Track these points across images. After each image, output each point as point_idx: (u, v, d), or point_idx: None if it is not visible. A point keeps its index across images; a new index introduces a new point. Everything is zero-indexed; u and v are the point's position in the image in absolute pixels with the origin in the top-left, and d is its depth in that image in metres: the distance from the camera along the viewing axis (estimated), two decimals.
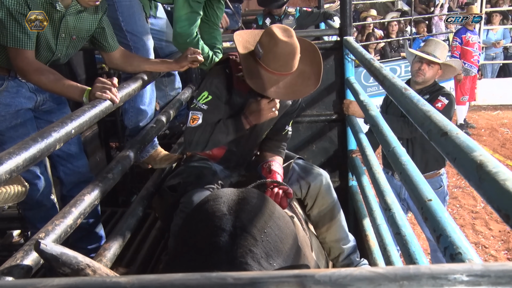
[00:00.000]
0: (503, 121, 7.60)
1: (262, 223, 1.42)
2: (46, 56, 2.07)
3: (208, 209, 1.50)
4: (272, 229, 1.43)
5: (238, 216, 1.41)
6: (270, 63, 1.89)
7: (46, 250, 0.75)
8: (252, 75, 1.92)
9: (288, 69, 1.92)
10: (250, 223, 1.40)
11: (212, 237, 1.34)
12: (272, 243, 1.38)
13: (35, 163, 1.25)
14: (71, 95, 1.90)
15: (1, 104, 2.05)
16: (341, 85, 3.15)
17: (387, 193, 1.85)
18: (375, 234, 2.11)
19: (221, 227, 1.37)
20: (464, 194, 5.22)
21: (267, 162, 2.16)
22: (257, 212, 1.46)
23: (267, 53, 1.89)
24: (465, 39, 7.12)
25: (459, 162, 0.95)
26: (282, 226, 1.48)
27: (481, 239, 4.43)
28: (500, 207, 0.77)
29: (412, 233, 1.53)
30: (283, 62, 1.89)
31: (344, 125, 3.19)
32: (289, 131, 2.30)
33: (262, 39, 1.92)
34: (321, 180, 2.18)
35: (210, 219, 1.43)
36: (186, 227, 1.59)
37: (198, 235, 1.42)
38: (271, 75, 1.91)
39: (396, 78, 1.76)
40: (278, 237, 1.42)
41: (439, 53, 3.06)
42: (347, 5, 3.01)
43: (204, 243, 1.35)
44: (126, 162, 1.93)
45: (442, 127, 1.11)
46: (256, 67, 1.93)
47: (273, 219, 1.48)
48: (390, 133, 1.86)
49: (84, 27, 2.12)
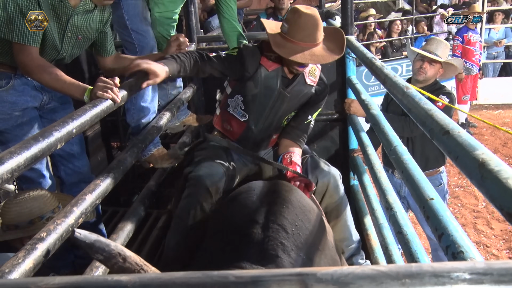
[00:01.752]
0: (505, 120, 7.58)
1: (293, 216, 1.44)
2: (51, 54, 2.07)
3: (241, 201, 1.52)
4: (303, 222, 1.44)
5: (270, 209, 1.43)
6: (296, 34, 2.00)
7: (80, 238, 0.77)
8: (279, 46, 2.04)
9: (312, 40, 2.02)
10: (282, 216, 1.41)
11: (244, 229, 1.36)
12: (303, 236, 1.39)
13: (37, 162, 1.25)
14: (73, 93, 1.89)
15: (7, 102, 2.06)
16: (342, 84, 3.14)
17: (389, 192, 1.85)
18: (376, 233, 2.11)
19: (253, 219, 1.39)
20: (465, 193, 5.22)
21: (288, 153, 2.21)
22: (288, 205, 1.47)
23: (292, 25, 2.01)
24: (467, 38, 7.11)
25: (461, 161, 0.95)
26: (312, 220, 1.51)
27: (483, 238, 4.42)
28: (502, 205, 0.77)
29: (413, 232, 1.53)
30: (307, 33, 2.00)
31: (346, 124, 3.19)
32: (312, 122, 2.34)
33: (288, 16, 2.05)
34: (329, 178, 2.18)
35: (243, 211, 1.45)
36: (218, 218, 1.61)
37: (230, 226, 1.44)
38: (297, 46, 2.01)
39: (398, 77, 1.76)
40: (308, 230, 1.44)
41: (441, 52, 3.06)
42: (348, 4, 3.00)
43: (236, 235, 1.37)
44: (127, 162, 1.93)
45: (444, 125, 1.11)
46: (283, 41, 2.04)
47: (304, 212, 1.50)
48: (391, 132, 1.86)
49: (90, 27, 2.13)
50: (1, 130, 2.09)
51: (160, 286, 0.57)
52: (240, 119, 2.23)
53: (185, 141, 2.92)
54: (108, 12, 2.21)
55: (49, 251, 1.28)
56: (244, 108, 2.21)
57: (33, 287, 0.57)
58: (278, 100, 2.18)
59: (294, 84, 2.18)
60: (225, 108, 2.27)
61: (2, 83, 2.05)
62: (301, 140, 2.30)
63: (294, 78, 2.19)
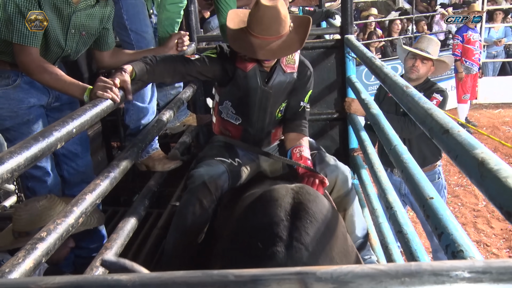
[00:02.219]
0: (505, 119, 7.58)
1: (317, 232, 1.37)
2: (56, 52, 2.08)
3: (261, 209, 1.46)
4: (327, 238, 1.39)
5: (294, 224, 1.37)
6: (254, 28, 1.96)
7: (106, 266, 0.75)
8: (236, 40, 2.00)
9: (272, 33, 1.97)
10: (305, 232, 1.35)
11: (267, 246, 1.31)
12: (328, 255, 1.34)
13: (36, 162, 1.25)
14: (73, 93, 1.90)
15: (14, 99, 2.07)
16: (342, 84, 3.14)
17: (389, 191, 1.85)
18: (376, 232, 2.11)
19: (276, 234, 1.33)
20: (465, 192, 5.22)
21: (297, 147, 2.19)
22: (312, 220, 1.41)
23: (251, 17, 1.97)
24: (466, 37, 7.11)
25: (461, 160, 0.95)
26: (338, 236, 1.45)
27: (483, 237, 4.43)
28: (501, 204, 0.77)
29: (413, 231, 1.53)
30: (265, 26, 1.95)
31: (346, 124, 3.19)
32: (307, 107, 2.31)
33: (251, 9, 2.00)
34: (337, 173, 2.15)
35: (263, 221, 1.40)
36: (233, 224, 1.56)
37: (250, 239, 1.39)
38: (255, 39, 1.97)
39: (398, 76, 1.76)
40: (330, 247, 1.38)
41: (432, 49, 3.08)
42: (348, 4, 3.00)
43: (258, 250, 1.32)
44: (127, 162, 1.93)
45: (444, 124, 1.11)
46: (244, 33, 2.00)
47: (329, 227, 1.43)
48: (391, 131, 1.86)
49: (94, 23, 2.13)
50: (7, 127, 2.11)
51: (160, 285, 0.57)
52: (235, 123, 2.24)
53: (185, 141, 2.92)
54: (111, 7, 2.21)
55: (49, 251, 1.28)
56: (235, 112, 2.22)
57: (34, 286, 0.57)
58: (263, 98, 2.16)
59: (274, 78, 2.15)
60: (219, 114, 2.27)
61: (9, 81, 2.07)
62: (303, 128, 2.28)
63: (273, 71, 2.15)
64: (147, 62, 1.99)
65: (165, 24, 2.73)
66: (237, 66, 2.11)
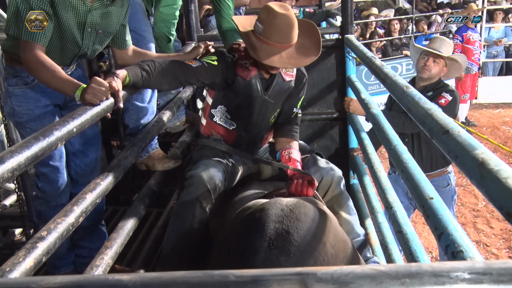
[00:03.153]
0: (505, 119, 7.58)
1: (310, 260, 1.33)
2: (73, 50, 2.09)
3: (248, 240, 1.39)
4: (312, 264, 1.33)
5: (278, 258, 1.30)
6: (271, 36, 1.96)
7: None
8: (255, 49, 1.99)
9: (288, 40, 1.98)
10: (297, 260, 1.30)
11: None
12: None
13: (37, 161, 1.25)
14: (66, 91, 1.84)
15: (31, 98, 2.10)
16: (342, 83, 3.15)
17: (389, 192, 1.85)
18: (376, 232, 2.11)
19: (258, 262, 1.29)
20: (465, 192, 5.22)
21: (286, 150, 2.21)
22: (299, 255, 1.33)
23: (267, 27, 1.96)
24: (466, 37, 7.12)
25: (461, 160, 0.96)
26: (332, 264, 1.38)
27: (483, 237, 4.43)
28: (501, 205, 0.77)
29: (413, 231, 1.53)
30: (283, 34, 1.96)
31: (345, 123, 3.19)
32: (299, 113, 2.34)
33: (261, 16, 2.00)
34: (332, 174, 2.17)
35: (248, 256, 1.34)
36: (235, 239, 1.51)
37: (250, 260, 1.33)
38: (273, 47, 1.97)
39: (398, 76, 1.76)
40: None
41: (444, 50, 3.06)
42: (348, 3, 3.01)
43: None
44: (127, 161, 1.93)
45: (444, 125, 1.11)
46: (258, 42, 1.99)
47: (318, 261, 1.35)
48: (391, 132, 1.86)
49: (110, 21, 2.14)
50: (24, 124, 2.13)
51: (161, 286, 0.58)
52: (229, 128, 2.23)
53: (185, 140, 2.92)
54: (127, 5, 2.21)
55: (50, 250, 1.28)
56: (230, 118, 2.21)
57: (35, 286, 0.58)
58: (263, 106, 2.18)
59: (273, 85, 2.16)
60: (210, 118, 2.25)
61: (28, 80, 2.09)
62: (294, 134, 2.30)
63: (272, 79, 2.16)
64: (144, 68, 1.91)
65: (161, 26, 2.74)
66: (237, 74, 2.10)
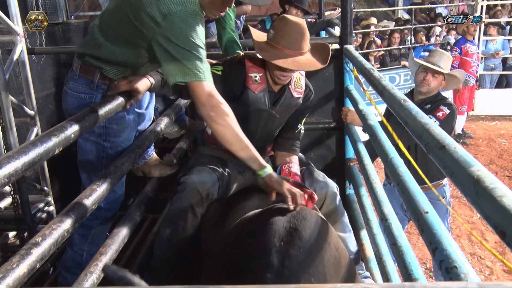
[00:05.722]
0: (501, 132, 7.62)
1: (310, 261, 1.35)
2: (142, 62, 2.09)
3: (259, 236, 1.43)
4: (318, 266, 1.36)
5: (288, 252, 1.34)
6: (280, 40, 1.99)
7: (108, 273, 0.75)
8: (263, 50, 2.03)
9: (296, 48, 2.00)
10: (299, 264, 1.33)
11: (259, 273, 1.29)
12: (320, 281, 1.32)
13: (34, 167, 1.25)
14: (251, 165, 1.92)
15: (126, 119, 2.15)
16: (340, 93, 3.15)
17: (384, 203, 1.85)
18: (371, 243, 2.11)
19: (269, 263, 1.31)
20: (460, 204, 5.23)
21: (286, 164, 2.20)
22: (308, 251, 1.37)
23: (278, 32, 2.01)
24: (464, 49, 7.16)
25: (457, 177, 0.96)
26: (331, 261, 1.42)
27: (477, 250, 4.43)
28: (496, 223, 0.78)
29: (408, 244, 1.53)
30: (292, 40, 1.99)
31: (343, 133, 3.19)
32: (302, 129, 2.35)
33: (275, 24, 2.06)
34: (327, 189, 2.18)
35: (259, 250, 1.37)
36: (232, 250, 1.53)
37: (243, 266, 1.37)
38: (280, 52, 1.99)
39: (396, 89, 1.77)
40: (323, 275, 1.36)
41: (443, 64, 3.07)
42: (348, 14, 3.02)
43: (249, 277, 1.30)
44: (124, 167, 1.93)
45: (440, 140, 1.11)
46: (267, 47, 2.03)
47: (324, 259, 1.39)
48: (388, 143, 1.87)
49: None
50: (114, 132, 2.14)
51: None
52: None
53: (182, 146, 2.92)
54: None
55: (44, 256, 1.28)
56: None
57: None
58: (269, 120, 2.18)
59: (282, 100, 2.16)
60: None
61: None
62: (295, 148, 2.31)
63: (281, 93, 2.16)
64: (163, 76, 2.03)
65: (227, 46, 2.77)
66: (246, 86, 2.10)
